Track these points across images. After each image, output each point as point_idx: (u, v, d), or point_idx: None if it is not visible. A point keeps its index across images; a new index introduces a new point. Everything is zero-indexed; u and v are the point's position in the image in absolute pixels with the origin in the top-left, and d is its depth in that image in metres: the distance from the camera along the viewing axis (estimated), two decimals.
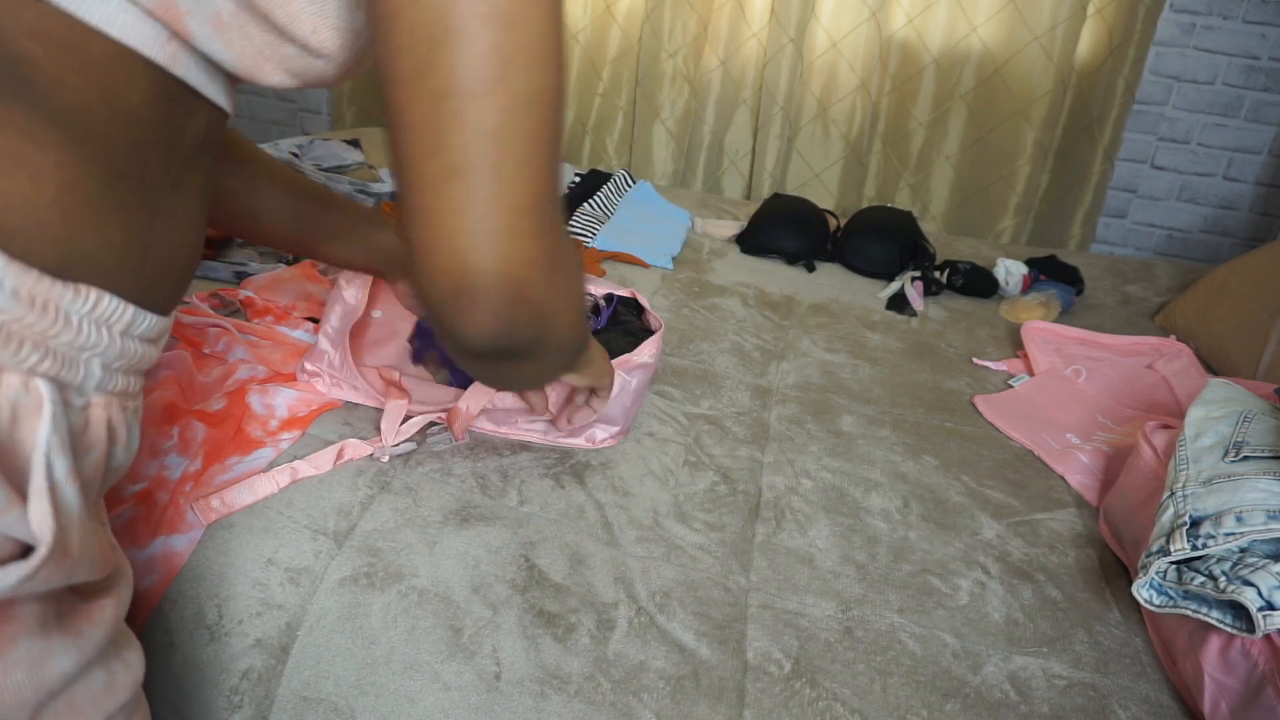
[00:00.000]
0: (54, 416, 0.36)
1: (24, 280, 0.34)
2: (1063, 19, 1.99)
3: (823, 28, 2.12)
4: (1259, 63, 2.11)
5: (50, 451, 0.36)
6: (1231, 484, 0.74)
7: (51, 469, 0.36)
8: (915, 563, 0.83)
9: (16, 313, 0.34)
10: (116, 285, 0.39)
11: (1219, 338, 1.37)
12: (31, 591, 0.37)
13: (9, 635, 0.36)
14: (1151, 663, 0.75)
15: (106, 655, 0.42)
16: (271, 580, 0.69)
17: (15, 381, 0.35)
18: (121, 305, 0.39)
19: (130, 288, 0.40)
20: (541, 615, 0.70)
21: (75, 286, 0.36)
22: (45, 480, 0.36)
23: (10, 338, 0.34)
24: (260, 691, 0.62)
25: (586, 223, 1.57)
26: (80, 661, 0.40)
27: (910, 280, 1.52)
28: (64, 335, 0.36)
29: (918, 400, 1.15)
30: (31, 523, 0.35)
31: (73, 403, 0.38)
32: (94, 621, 0.41)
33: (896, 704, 0.67)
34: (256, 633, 0.65)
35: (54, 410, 0.36)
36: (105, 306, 0.38)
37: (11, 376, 0.35)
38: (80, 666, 0.40)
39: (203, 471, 0.76)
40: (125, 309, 0.39)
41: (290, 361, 0.94)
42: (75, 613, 0.41)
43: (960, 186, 2.21)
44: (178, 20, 0.37)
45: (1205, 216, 2.28)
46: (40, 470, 0.36)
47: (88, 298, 0.37)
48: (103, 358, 0.39)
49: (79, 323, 0.37)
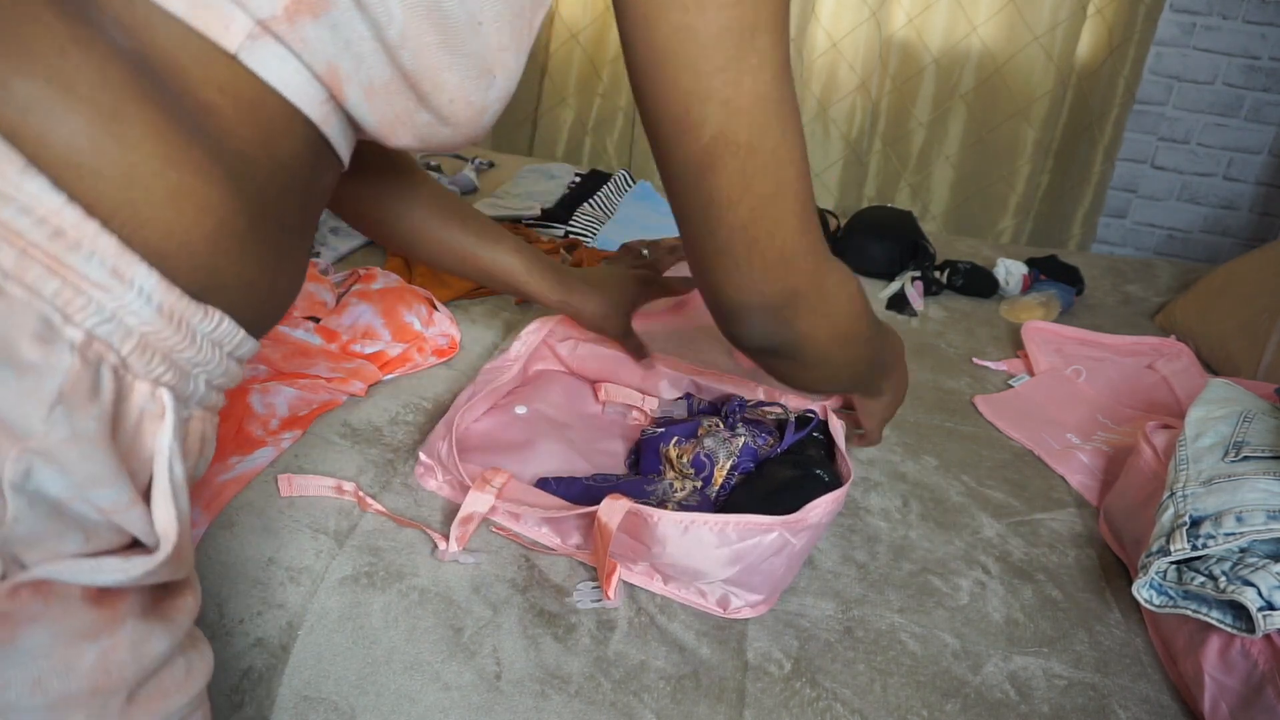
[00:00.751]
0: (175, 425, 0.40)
1: (168, 297, 0.38)
2: (1063, 19, 1.99)
3: (823, 28, 2.12)
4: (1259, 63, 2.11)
5: (172, 457, 0.39)
6: (1231, 484, 0.74)
7: (173, 473, 0.39)
8: (915, 562, 0.83)
9: (157, 326, 0.38)
10: (238, 311, 0.43)
11: (1219, 338, 1.37)
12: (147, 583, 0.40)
13: (121, 614, 0.39)
14: (1151, 663, 0.75)
15: (185, 645, 0.45)
16: (272, 580, 0.69)
17: (145, 389, 0.38)
18: (237, 329, 0.43)
19: (248, 315, 0.44)
20: (542, 615, 0.70)
21: (205, 308, 0.40)
22: (168, 483, 0.39)
23: (147, 348, 0.38)
24: (261, 691, 0.62)
25: (587, 223, 1.57)
26: (171, 645, 0.43)
27: (910, 280, 1.52)
28: (187, 351, 0.40)
29: (918, 400, 1.15)
30: (158, 523, 0.39)
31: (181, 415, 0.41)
32: (181, 609, 0.44)
33: (896, 704, 0.67)
34: (257, 632, 0.66)
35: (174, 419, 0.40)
36: (225, 329, 0.42)
37: (142, 384, 0.38)
38: (171, 650, 0.43)
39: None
40: (238, 333, 0.43)
41: (291, 361, 0.94)
42: (167, 601, 0.43)
43: (960, 186, 2.21)
44: (338, 84, 0.42)
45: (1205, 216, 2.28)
46: (164, 473, 0.39)
47: (213, 319, 0.41)
48: (209, 375, 0.43)
49: (201, 341, 0.41)
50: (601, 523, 0.69)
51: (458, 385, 1.00)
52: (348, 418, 0.89)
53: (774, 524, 0.68)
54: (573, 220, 1.57)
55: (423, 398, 0.96)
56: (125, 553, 0.39)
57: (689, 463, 0.81)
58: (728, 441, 0.81)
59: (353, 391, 0.93)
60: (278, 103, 0.41)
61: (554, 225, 1.55)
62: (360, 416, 0.90)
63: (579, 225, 1.56)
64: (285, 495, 0.77)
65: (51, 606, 0.37)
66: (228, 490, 0.76)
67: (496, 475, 0.77)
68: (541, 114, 2.35)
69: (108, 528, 0.38)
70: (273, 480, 0.78)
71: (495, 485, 0.76)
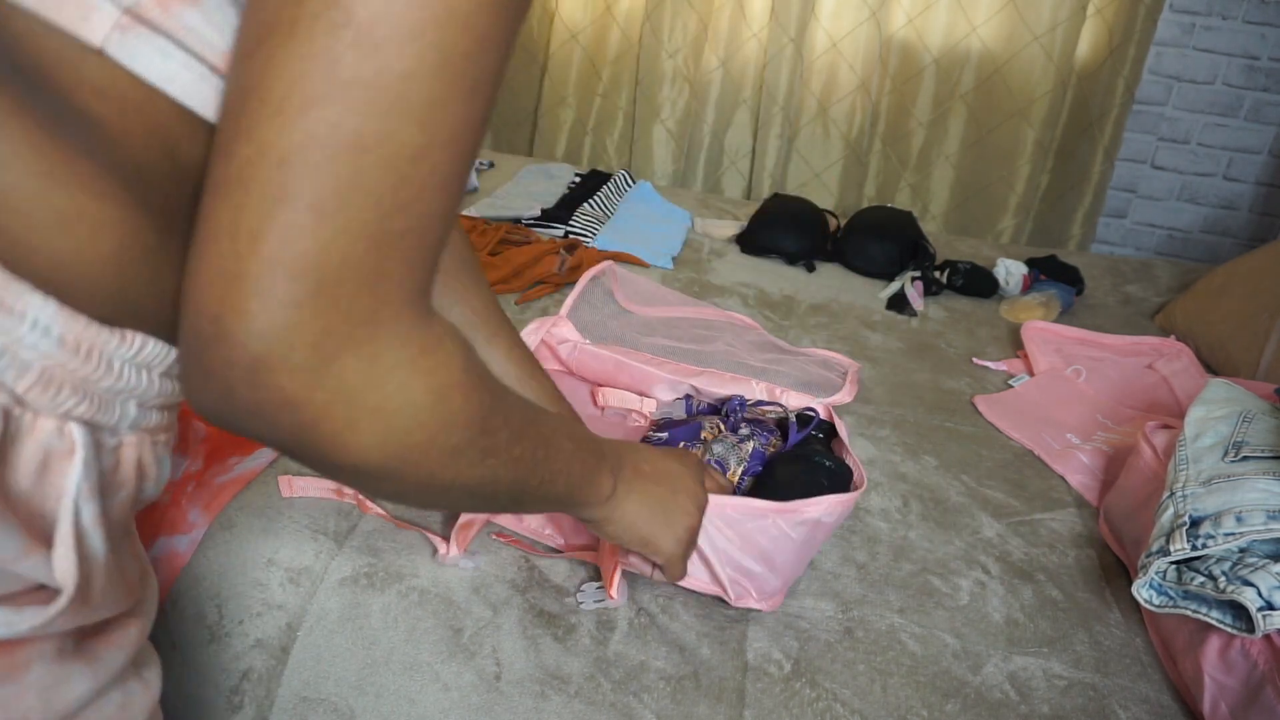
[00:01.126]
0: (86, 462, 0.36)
1: (72, 327, 0.34)
2: (1063, 19, 1.99)
3: (823, 28, 2.12)
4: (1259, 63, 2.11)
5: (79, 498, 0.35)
6: (1231, 484, 0.74)
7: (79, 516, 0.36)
8: (915, 563, 0.83)
9: (60, 358, 0.34)
10: (162, 329, 0.38)
11: (1219, 338, 1.37)
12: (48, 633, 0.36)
13: (23, 660, 0.36)
14: (1151, 663, 0.75)
15: (124, 676, 0.42)
16: (272, 580, 0.69)
17: (50, 426, 0.35)
18: (164, 348, 0.38)
19: (174, 330, 0.38)
20: (542, 615, 0.70)
21: (121, 333, 0.36)
22: (72, 528, 0.35)
23: (50, 382, 0.34)
24: (260, 692, 0.62)
25: (587, 223, 1.57)
26: (95, 686, 0.39)
27: (910, 280, 1.52)
28: (105, 380, 0.36)
29: (918, 400, 1.15)
30: (56, 571, 0.35)
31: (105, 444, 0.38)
32: (115, 645, 0.41)
33: (896, 704, 0.67)
34: (257, 633, 0.66)
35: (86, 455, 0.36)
36: (150, 351, 0.38)
37: (47, 421, 0.34)
38: (95, 691, 0.39)
39: (204, 471, 0.76)
40: (168, 352, 0.39)
41: None
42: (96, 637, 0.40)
43: (960, 186, 2.21)
44: None
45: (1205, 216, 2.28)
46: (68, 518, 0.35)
47: (133, 343, 0.37)
48: (140, 398, 0.39)
49: (120, 367, 0.37)
50: None
51: None
52: None
53: (767, 509, 0.68)
54: (573, 220, 1.57)
55: None
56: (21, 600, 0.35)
57: None
58: (737, 447, 0.81)
59: None
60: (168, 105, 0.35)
61: (554, 225, 1.55)
62: None
63: (579, 225, 1.56)
64: (286, 496, 0.77)
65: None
66: (227, 491, 0.76)
67: None
68: (541, 114, 2.35)
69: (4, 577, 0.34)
70: (272, 481, 0.78)
71: None
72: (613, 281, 1.19)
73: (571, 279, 1.31)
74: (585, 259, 1.37)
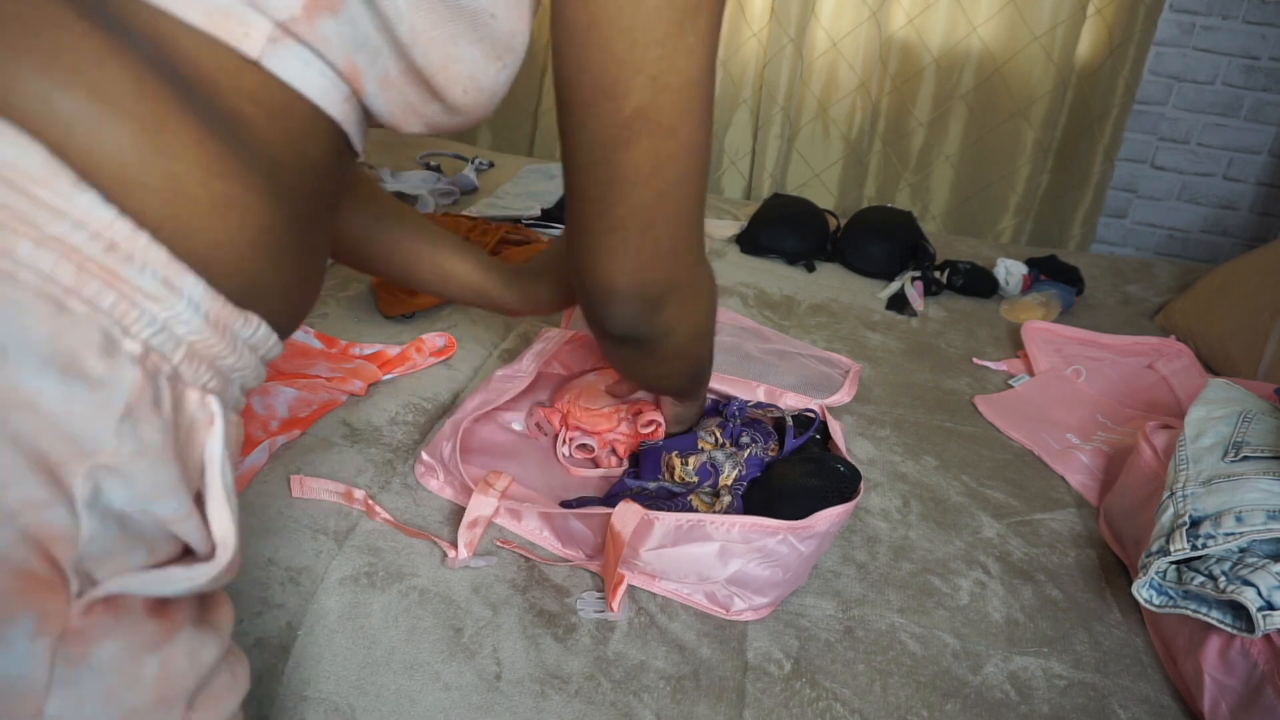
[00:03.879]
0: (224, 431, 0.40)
1: (214, 305, 0.38)
2: (1063, 19, 1.99)
3: (823, 28, 2.12)
4: (1259, 63, 2.11)
5: (224, 463, 0.39)
6: (1231, 484, 0.74)
7: (225, 479, 0.40)
8: (915, 562, 0.83)
9: (204, 335, 0.38)
10: (274, 315, 0.42)
11: (1219, 338, 1.37)
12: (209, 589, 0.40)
13: (177, 624, 0.40)
14: (1152, 663, 0.75)
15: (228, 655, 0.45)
16: (272, 580, 0.69)
17: (195, 397, 0.38)
18: (271, 333, 0.43)
19: (282, 318, 0.44)
20: (542, 615, 0.70)
21: (246, 314, 0.40)
22: (223, 488, 0.39)
23: (195, 357, 0.38)
24: (260, 691, 0.62)
25: None
26: (220, 653, 0.43)
27: (910, 280, 1.52)
28: (229, 358, 0.40)
29: (918, 400, 1.15)
30: (216, 530, 0.39)
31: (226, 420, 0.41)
32: (224, 617, 0.45)
33: (896, 704, 0.67)
34: (256, 632, 0.65)
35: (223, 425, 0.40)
36: (261, 334, 0.42)
37: (192, 392, 0.38)
38: (220, 658, 0.43)
39: None
40: (272, 336, 0.43)
41: (291, 361, 0.94)
42: (212, 610, 0.44)
43: (960, 186, 2.21)
44: (357, 80, 0.42)
45: (1205, 216, 2.28)
46: (218, 480, 0.39)
47: (253, 325, 0.41)
48: (244, 379, 0.42)
49: (240, 347, 0.40)
50: (615, 531, 0.68)
51: (457, 385, 1.00)
52: (347, 417, 0.89)
53: (779, 528, 0.68)
54: None
55: (422, 398, 0.96)
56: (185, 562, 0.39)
57: (694, 470, 0.80)
58: (734, 454, 0.81)
59: (352, 390, 0.93)
60: (305, 107, 0.41)
61: (554, 225, 1.55)
62: (359, 416, 0.90)
63: None
64: (297, 496, 0.77)
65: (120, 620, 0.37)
66: None
67: (499, 478, 0.77)
68: (541, 114, 2.35)
69: (165, 539, 0.38)
70: (272, 480, 0.78)
71: (498, 488, 0.76)
72: None
73: None
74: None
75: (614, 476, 0.87)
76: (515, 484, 0.78)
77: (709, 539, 0.68)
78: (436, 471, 0.81)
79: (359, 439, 0.87)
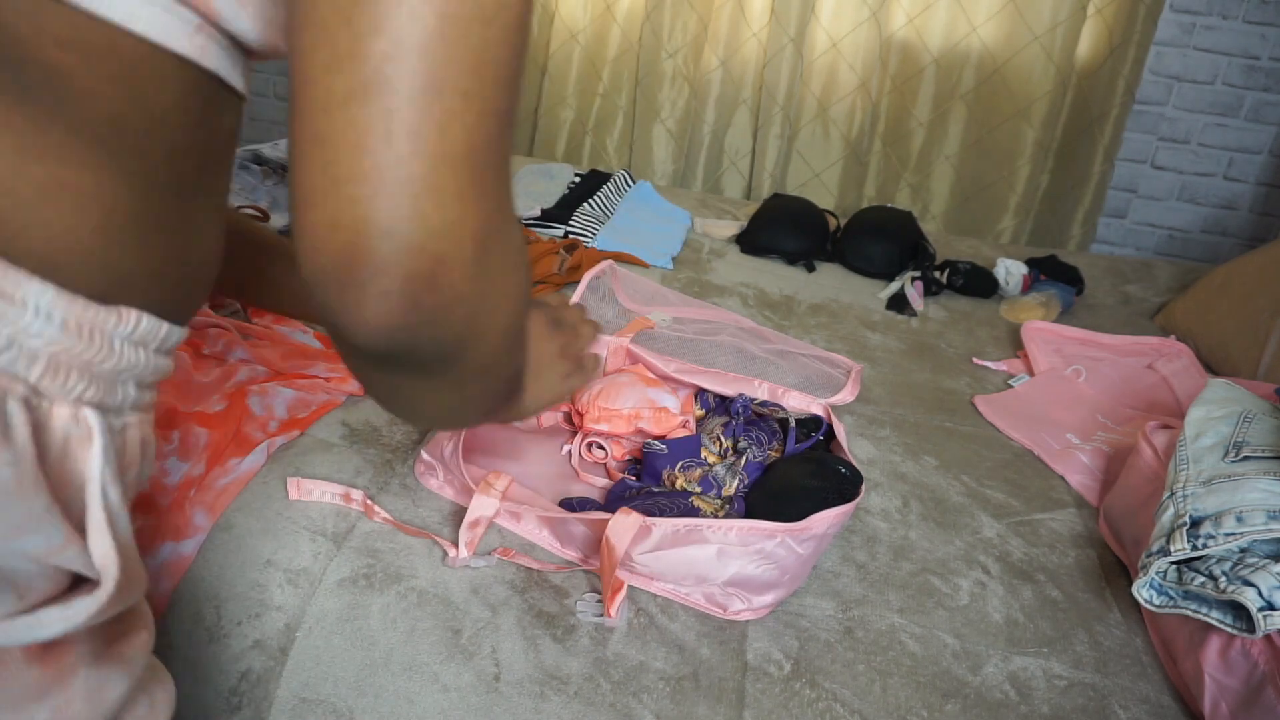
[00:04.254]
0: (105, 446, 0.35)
1: (71, 310, 0.33)
2: (1063, 19, 1.99)
3: (823, 28, 2.12)
4: (1259, 63, 2.11)
5: (105, 482, 0.35)
6: (1231, 484, 0.74)
7: (107, 499, 0.35)
8: (915, 562, 0.82)
9: (65, 343, 0.33)
10: (154, 303, 0.37)
11: (1219, 338, 1.36)
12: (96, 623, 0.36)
13: (69, 665, 0.36)
14: (1151, 663, 0.75)
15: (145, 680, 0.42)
16: (270, 581, 0.69)
17: (65, 413, 0.34)
18: (158, 323, 0.38)
19: (166, 303, 0.38)
20: (541, 616, 0.70)
21: (118, 310, 0.35)
22: (103, 512, 0.35)
23: (59, 368, 0.33)
24: (259, 693, 0.62)
25: (586, 223, 1.57)
26: (129, 687, 0.40)
27: (910, 280, 1.52)
28: (108, 361, 0.35)
29: (918, 400, 1.15)
30: (95, 557, 0.35)
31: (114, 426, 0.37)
32: (137, 645, 0.41)
33: (896, 704, 0.67)
34: (255, 634, 0.65)
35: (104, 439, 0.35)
36: (145, 327, 0.37)
37: (61, 408, 0.34)
38: (129, 692, 0.40)
39: (205, 475, 0.76)
40: (161, 327, 0.38)
41: (290, 361, 0.94)
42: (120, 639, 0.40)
43: (960, 186, 2.21)
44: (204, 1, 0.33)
45: (1205, 216, 2.28)
46: (97, 502, 0.35)
47: (129, 320, 0.36)
48: (138, 377, 0.38)
49: (120, 346, 0.36)
50: (610, 543, 0.68)
51: None
52: (346, 418, 0.89)
53: (777, 530, 0.68)
54: (572, 220, 1.57)
55: None
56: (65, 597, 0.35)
57: (696, 483, 0.81)
58: (733, 464, 0.82)
59: (352, 390, 0.93)
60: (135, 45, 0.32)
61: (554, 225, 1.55)
62: (359, 417, 0.90)
63: (579, 225, 1.56)
64: (294, 498, 0.77)
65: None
66: (229, 492, 0.75)
67: (499, 478, 0.77)
68: (541, 114, 2.35)
69: (42, 575, 0.34)
70: (271, 481, 0.78)
71: (499, 488, 0.76)
72: (614, 281, 1.19)
73: (571, 279, 1.31)
74: (585, 259, 1.37)
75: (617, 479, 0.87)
76: (515, 484, 0.78)
77: (706, 542, 0.68)
78: (436, 470, 0.81)
79: (358, 439, 0.86)
